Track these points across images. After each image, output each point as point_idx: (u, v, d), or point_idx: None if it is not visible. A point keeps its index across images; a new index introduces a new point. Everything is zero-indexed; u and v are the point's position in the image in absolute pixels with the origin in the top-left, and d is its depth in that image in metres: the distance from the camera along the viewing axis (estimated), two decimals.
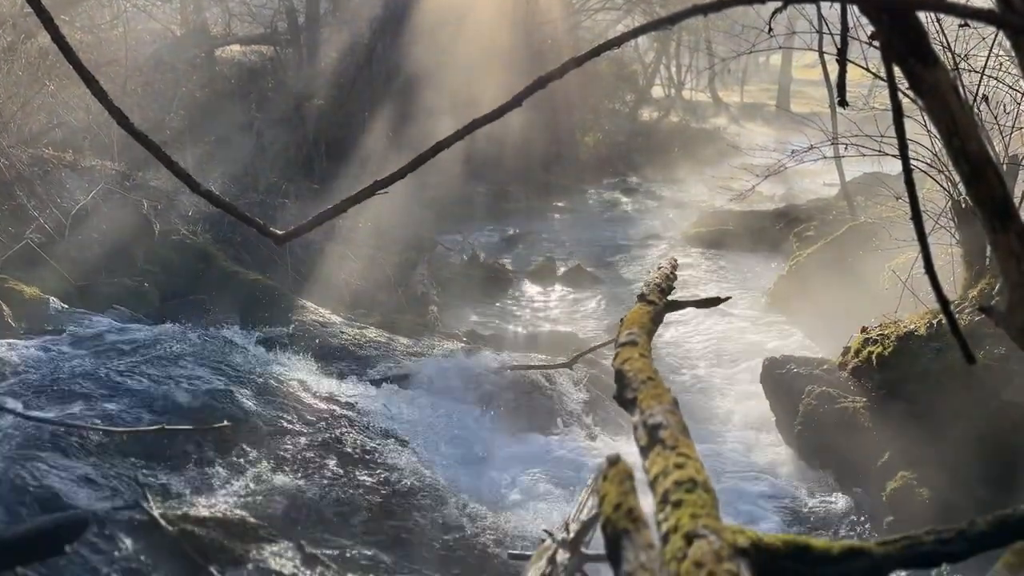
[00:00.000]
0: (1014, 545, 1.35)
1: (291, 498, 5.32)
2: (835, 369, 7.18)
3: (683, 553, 1.44)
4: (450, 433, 7.25)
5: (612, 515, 1.49)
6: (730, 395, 8.67)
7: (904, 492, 5.83)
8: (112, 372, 6.45)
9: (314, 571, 4.64)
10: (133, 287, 8.89)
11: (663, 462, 1.82)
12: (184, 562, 4.43)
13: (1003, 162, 6.17)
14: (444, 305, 12.04)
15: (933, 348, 6.17)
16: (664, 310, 3.46)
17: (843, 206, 13.25)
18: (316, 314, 9.36)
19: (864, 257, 9.19)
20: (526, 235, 17.18)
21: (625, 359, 2.68)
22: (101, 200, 9.78)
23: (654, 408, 2.14)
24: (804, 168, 14.58)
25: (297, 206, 12.17)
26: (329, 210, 2.61)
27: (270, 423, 6.18)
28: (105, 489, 4.89)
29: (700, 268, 14.55)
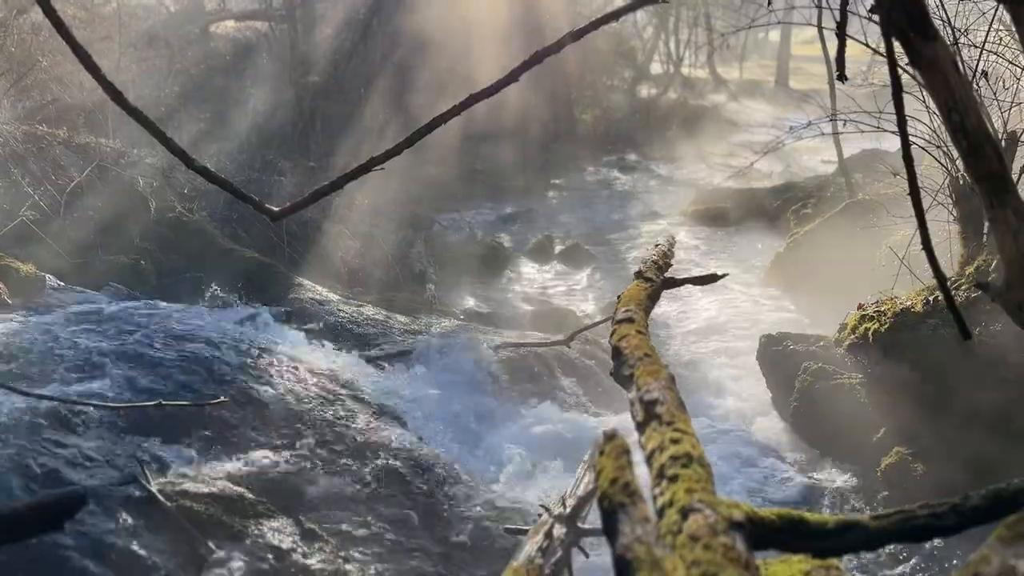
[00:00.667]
0: (1007, 519, 1.36)
1: (289, 474, 5.35)
2: (831, 346, 7.20)
3: (679, 527, 1.45)
4: (448, 410, 7.27)
5: (609, 489, 1.49)
6: (727, 372, 8.70)
7: (899, 467, 5.87)
8: (109, 349, 6.46)
9: (312, 546, 4.67)
10: (129, 264, 8.87)
11: (659, 437, 1.83)
12: (182, 537, 4.46)
13: (1002, 138, 6.15)
14: (441, 283, 12.03)
15: (929, 325, 6.18)
16: (661, 287, 3.47)
17: (841, 183, 13.23)
18: (313, 292, 9.36)
19: (862, 234, 9.18)
20: (524, 213, 17.14)
21: (622, 336, 2.69)
22: (96, 177, 9.73)
23: (651, 384, 2.15)
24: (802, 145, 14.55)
25: (293, 183, 12.12)
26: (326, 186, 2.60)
27: (268, 400, 6.20)
28: (103, 465, 4.91)
29: (698, 246, 14.54)
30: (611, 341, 2.70)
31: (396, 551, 4.89)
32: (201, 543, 4.43)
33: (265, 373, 6.59)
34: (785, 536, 1.60)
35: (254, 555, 4.50)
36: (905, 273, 6.86)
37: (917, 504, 1.62)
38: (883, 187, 10.03)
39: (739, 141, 24.12)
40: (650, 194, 19.55)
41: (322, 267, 10.38)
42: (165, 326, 7.02)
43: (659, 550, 1.29)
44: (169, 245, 9.48)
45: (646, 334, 2.74)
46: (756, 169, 14.89)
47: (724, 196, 16.41)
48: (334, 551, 4.70)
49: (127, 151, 10.65)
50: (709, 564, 1.31)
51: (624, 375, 2.43)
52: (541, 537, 2.70)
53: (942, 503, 1.61)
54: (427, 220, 14.54)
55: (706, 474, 1.66)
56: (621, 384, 2.47)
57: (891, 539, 1.59)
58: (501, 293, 12.28)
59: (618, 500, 1.46)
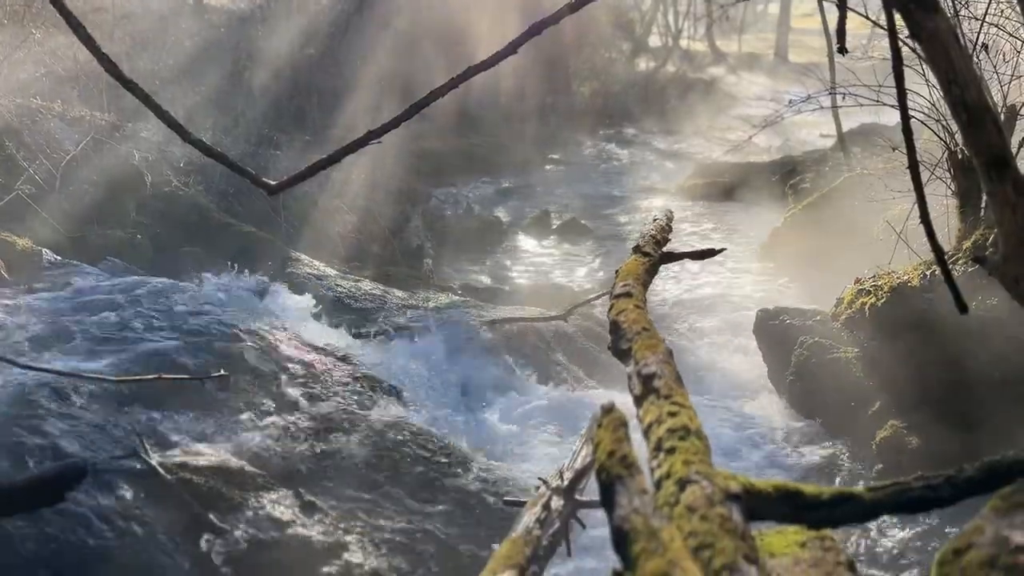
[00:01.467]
0: (1002, 490, 1.38)
1: (288, 448, 5.38)
2: (828, 320, 7.22)
3: (676, 498, 1.47)
4: (446, 384, 7.31)
5: (606, 462, 1.51)
6: (723, 346, 8.73)
7: (894, 441, 5.91)
8: (107, 323, 6.46)
9: (312, 518, 4.71)
10: (126, 239, 8.85)
11: (657, 411, 1.84)
12: (183, 509, 4.50)
13: (1001, 112, 6.12)
14: (439, 258, 12.02)
15: (926, 299, 6.20)
16: (659, 262, 3.47)
17: (840, 157, 13.19)
18: (310, 267, 9.35)
19: (859, 208, 9.17)
20: (521, 187, 17.09)
21: (620, 310, 2.69)
22: (91, 151, 9.67)
23: (648, 358, 2.16)
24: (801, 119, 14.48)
25: (289, 157, 12.06)
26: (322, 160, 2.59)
27: (266, 374, 6.22)
28: (102, 439, 4.93)
29: (696, 220, 14.52)
30: (609, 315, 2.71)
31: (395, 523, 4.93)
32: (202, 515, 4.47)
33: (264, 347, 6.60)
34: (781, 507, 1.62)
35: (255, 526, 4.54)
36: (903, 247, 6.86)
37: (912, 476, 1.63)
38: (882, 161, 10.00)
39: (738, 115, 24.02)
40: (648, 168, 19.49)
41: (319, 242, 10.36)
42: (163, 300, 7.02)
43: (656, 521, 1.31)
44: (166, 219, 9.45)
45: (644, 308, 2.75)
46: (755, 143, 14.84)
47: (722, 170, 16.36)
48: (334, 523, 4.74)
49: (122, 124, 10.58)
50: (706, 534, 1.32)
51: (622, 349, 2.44)
52: (539, 509, 2.72)
53: (937, 475, 1.62)
54: (424, 195, 14.49)
55: (703, 446, 1.67)
56: (619, 358, 2.48)
57: (886, 511, 1.61)
58: (498, 268, 12.28)
59: (616, 472, 1.48)
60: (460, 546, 4.91)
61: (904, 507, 1.59)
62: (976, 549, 1.25)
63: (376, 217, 11.68)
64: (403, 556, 4.69)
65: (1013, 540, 1.22)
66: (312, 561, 4.46)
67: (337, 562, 4.48)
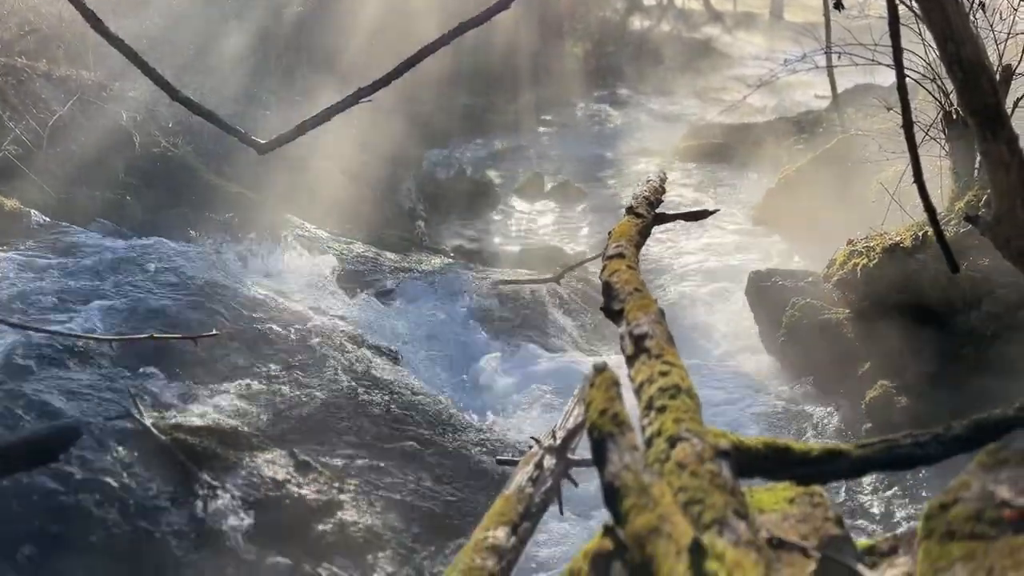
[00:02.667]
0: (988, 446, 1.39)
1: (281, 408, 5.40)
2: (820, 281, 7.25)
3: (666, 455, 1.48)
4: (438, 346, 7.33)
5: (598, 420, 1.52)
6: (715, 307, 8.76)
7: (883, 400, 5.97)
8: (98, 284, 6.43)
9: (306, 477, 4.75)
10: (115, 200, 8.77)
11: (648, 370, 1.85)
12: (178, 469, 4.52)
13: (997, 71, 6.08)
14: (431, 220, 11.98)
15: (918, 260, 6.21)
16: (652, 223, 3.46)
17: (834, 118, 13.12)
18: (301, 228, 9.31)
19: (853, 170, 9.15)
20: (513, 149, 16.97)
21: (613, 271, 2.69)
22: (78, 111, 9.54)
23: (640, 319, 2.16)
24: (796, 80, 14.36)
25: (279, 117, 11.91)
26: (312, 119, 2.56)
27: (258, 335, 6.21)
28: (95, 399, 4.94)
29: (689, 182, 14.48)
30: (602, 276, 2.70)
31: (389, 481, 4.98)
32: (196, 475, 4.50)
33: (255, 309, 6.59)
34: (770, 464, 1.64)
35: (250, 486, 4.57)
36: (895, 209, 6.86)
37: (901, 433, 1.65)
38: (876, 122, 9.95)
39: (733, 75, 23.83)
40: (642, 130, 19.36)
41: (310, 204, 10.29)
42: (153, 261, 6.99)
43: (647, 477, 1.32)
44: (154, 180, 9.36)
45: (636, 269, 2.75)
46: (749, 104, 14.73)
47: (716, 132, 16.27)
48: (328, 482, 4.78)
49: (109, 84, 10.42)
50: (695, 490, 1.33)
51: (614, 310, 2.44)
52: (531, 468, 2.74)
53: (925, 432, 1.64)
54: (416, 157, 14.37)
55: (694, 405, 1.68)
56: (611, 319, 2.48)
57: (874, 467, 1.63)
58: (491, 230, 12.25)
59: (607, 430, 1.49)
60: (454, 504, 4.96)
61: (892, 464, 1.61)
62: (962, 503, 1.27)
63: (367, 179, 11.59)
64: (397, 514, 4.74)
65: (998, 495, 1.24)
66: (307, 520, 4.50)
67: (332, 521, 4.52)
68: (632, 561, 1.16)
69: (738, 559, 0.99)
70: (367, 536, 4.50)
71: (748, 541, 1.25)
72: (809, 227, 9.72)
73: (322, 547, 4.38)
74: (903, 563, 1.51)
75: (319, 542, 4.40)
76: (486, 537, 2.12)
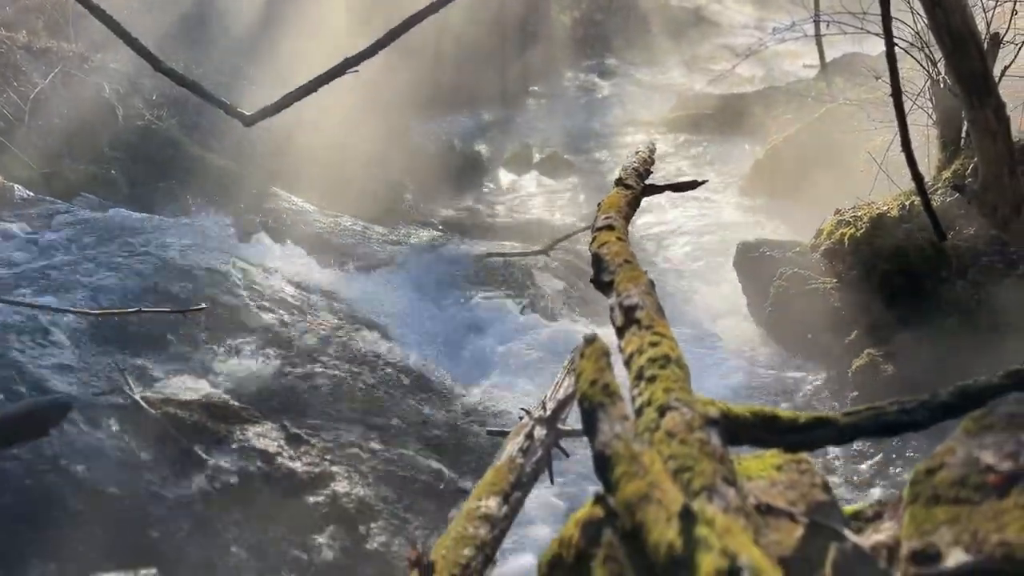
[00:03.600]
0: (973, 413, 1.41)
1: (271, 382, 5.41)
2: (807, 252, 7.27)
3: (656, 424, 1.49)
4: (427, 319, 7.33)
5: (588, 390, 1.52)
6: (703, 278, 8.79)
7: (869, 369, 6.03)
8: (84, 259, 6.39)
9: (298, 450, 4.77)
10: (100, 174, 8.68)
11: (638, 341, 1.86)
12: (169, 443, 4.54)
13: (985, 39, 6.07)
14: (418, 193, 11.91)
15: (904, 229, 6.24)
16: (641, 194, 3.45)
17: (822, 88, 13.09)
18: (288, 202, 9.25)
19: (841, 140, 9.15)
20: (501, 121, 16.86)
21: (602, 243, 2.69)
22: (60, 84, 9.41)
23: (630, 290, 2.17)
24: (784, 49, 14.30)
25: (263, 89, 11.78)
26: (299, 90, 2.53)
27: (247, 309, 6.20)
28: (84, 374, 4.93)
29: (678, 153, 14.45)
30: (591, 248, 2.70)
31: (380, 454, 5.01)
32: (188, 449, 4.51)
33: (244, 283, 6.57)
34: (758, 432, 1.65)
35: (242, 459, 4.59)
36: (883, 179, 6.88)
37: (887, 401, 1.67)
38: (864, 91, 9.94)
39: (722, 43, 23.67)
40: (630, 100, 19.25)
41: (296, 177, 10.21)
42: (140, 236, 6.94)
43: (637, 446, 1.33)
44: (139, 154, 9.26)
45: (626, 241, 2.75)
46: (737, 74, 14.67)
47: (705, 102, 16.20)
48: (320, 454, 4.80)
49: (90, 56, 10.27)
50: (685, 458, 1.35)
51: (604, 281, 2.44)
52: (522, 438, 2.76)
53: (911, 399, 1.66)
54: (402, 129, 14.25)
55: (683, 375, 1.69)
56: (601, 290, 2.48)
57: (861, 434, 1.64)
58: (479, 203, 12.21)
59: (598, 400, 1.49)
60: (444, 475, 5.00)
61: (879, 430, 1.63)
62: (947, 469, 1.29)
63: (354, 152, 11.49)
64: (389, 486, 4.77)
65: (983, 460, 1.26)
66: (299, 492, 4.53)
67: (324, 492, 4.55)
68: (623, 527, 1.17)
69: (728, 524, 1.01)
70: (359, 507, 4.53)
71: (737, 507, 1.27)
72: (797, 197, 9.73)
73: (315, 518, 4.42)
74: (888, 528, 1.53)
75: (312, 514, 4.43)
76: (478, 507, 2.14)
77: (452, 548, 1.91)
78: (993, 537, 1.10)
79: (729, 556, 0.94)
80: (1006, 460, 1.23)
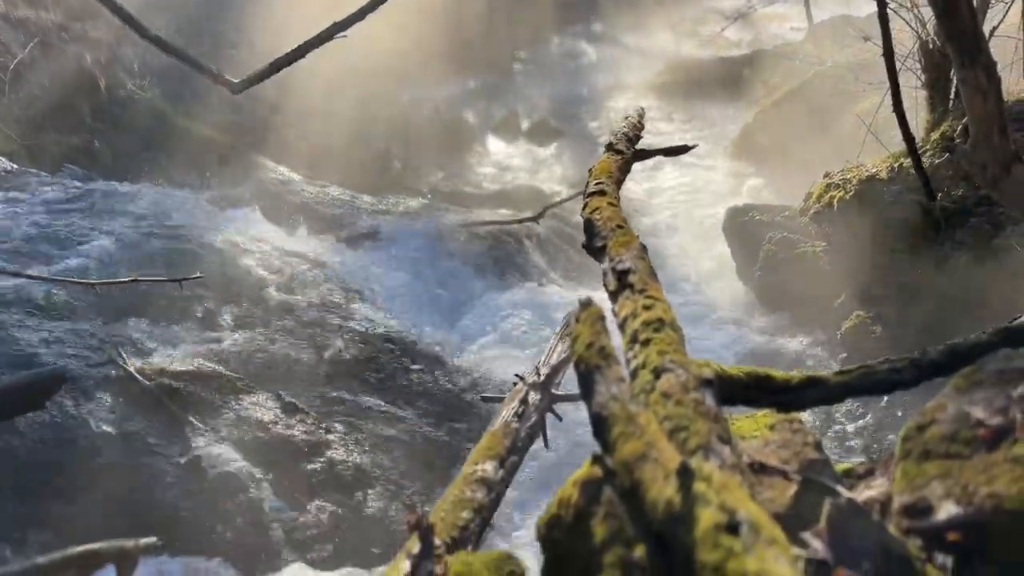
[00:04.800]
0: (963, 370, 1.43)
1: (264, 352, 5.41)
2: (797, 215, 7.29)
3: (651, 386, 1.51)
4: (419, 287, 7.33)
5: (584, 353, 1.53)
6: (693, 243, 8.81)
7: (858, 330, 6.08)
8: (71, 231, 6.34)
9: (293, 419, 4.79)
10: (83, 145, 8.59)
11: (632, 305, 1.87)
12: (164, 414, 4.55)
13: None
14: (406, 162, 11.83)
15: (893, 191, 6.27)
16: (632, 159, 3.44)
17: (810, 51, 13.03)
18: (275, 172, 9.18)
19: (829, 103, 9.14)
20: (488, 88, 16.71)
21: (594, 208, 2.69)
22: (40, 54, 9.26)
23: (623, 254, 2.17)
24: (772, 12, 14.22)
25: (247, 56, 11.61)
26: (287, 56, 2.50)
27: (238, 280, 6.18)
28: (77, 346, 4.92)
29: (665, 118, 14.39)
30: (583, 213, 2.70)
31: (376, 422, 5.03)
32: (183, 419, 4.52)
33: (234, 253, 6.54)
34: (752, 392, 1.67)
35: (238, 428, 4.61)
36: (872, 141, 6.88)
37: (878, 360, 1.69)
38: (852, 54, 9.90)
39: (709, 7, 23.45)
40: (617, 65, 19.10)
41: (282, 146, 10.12)
42: (127, 208, 6.89)
43: (633, 407, 1.34)
44: (122, 125, 9.16)
45: (618, 206, 2.75)
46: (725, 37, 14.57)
47: (693, 66, 16.10)
48: (315, 423, 4.82)
49: (69, 24, 10.09)
50: (680, 418, 1.36)
51: (596, 246, 2.45)
52: (516, 404, 2.79)
53: (902, 358, 1.68)
54: (387, 96, 14.11)
55: (677, 337, 1.71)
56: (593, 256, 2.49)
57: (853, 393, 1.66)
58: (468, 171, 12.14)
59: (594, 363, 1.51)
60: (439, 442, 5.04)
61: (870, 389, 1.65)
62: (938, 424, 1.31)
63: (339, 121, 11.39)
64: (384, 453, 4.81)
65: (973, 415, 1.28)
66: (296, 460, 4.56)
67: (320, 460, 4.58)
68: (622, 486, 1.19)
69: (725, 480, 1.02)
70: (356, 474, 4.57)
71: (732, 465, 1.29)
72: (786, 161, 9.73)
73: (312, 485, 4.45)
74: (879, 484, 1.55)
75: (309, 481, 4.47)
76: (475, 471, 2.17)
77: (450, 511, 1.94)
78: (983, 489, 1.13)
79: (727, 511, 0.96)
80: (996, 415, 1.25)
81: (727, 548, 0.91)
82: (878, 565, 1.00)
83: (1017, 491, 1.10)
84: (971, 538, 1.11)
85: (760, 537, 0.91)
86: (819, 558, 1.01)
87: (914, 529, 1.18)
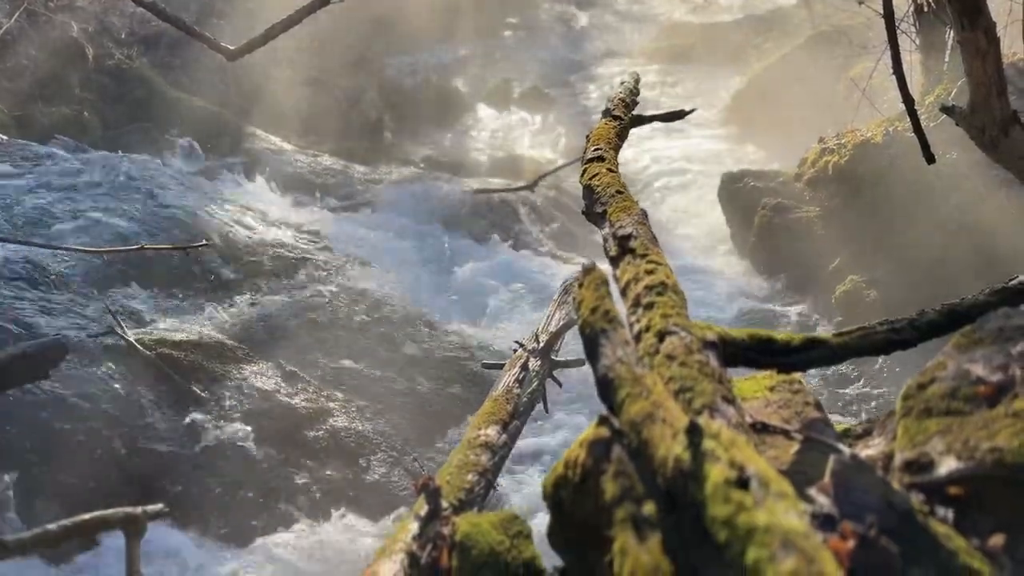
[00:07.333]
0: (963, 328, 1.45)
1: (263, 321, 5.42)
2: (791, 181, 7.30)
3: (655, 348, 1.53)
4: (416, 257, 7.33)
5: (589, 317, 1.55)
6: (687, 210, 8.82)
7: (853, 294, 6.12)
8: (64, 202, 6.30)
9: (295, 387, 4.82)
10: (72, 116, 8.51)
11: (634, 270, 1.88)
12: (165, 382, 4.57)
13: None
14: (398, 131, 11.75)
15: (888, 155, 6.27)
16: (629, 125, 3.43)
17: (803, 15, 12.94)
18: (267, 142, 9.12)
19: (823, 68, 9.10)
20: (479, 55, 16.55)
21: (593, 174, 2.69)
22: (26, 24, 9.12)
23: (624, 220, 2.18)
24: None
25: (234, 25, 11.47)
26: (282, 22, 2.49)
27: (232, 250, 6.17)
28: (76, 316, 4.92)
29: (660, 84, 14.30)
30: (582, 180, 2.70)
31: (377, 389, 5.07)
32: (185, 388, 4.54)
33: (230, 223, 6.52)
34: (754, 354, 1.69)
35: (239, 396, 4.63)
36: (866, 105, 6.87)
37: (877, 321, 1.71)
38: (846, 17, 9.84)
39: None
40: (610, 31, 18.94)
41: (273, 116, 10.04)
42: (119, 178, 6.83)
43: (639, 369, 1.36)
44: (112, 95, 9.07)
45: (617, 172, 2.75)
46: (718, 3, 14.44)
47: (686, 31, 15.99)
48: (317, 391, 4.85)
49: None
50: (685, 379, 1.39)
51: (596, 212, 2.45)
52: (517, 370, 2.81)
53: (900, 320, 1.70)
54: (378, 63, 13.98)
55: (680, 301, 1.72)
56: (593, 222, 2.49)
57: (853, 354, 1.69)
58: (460, 139, 12.07)
59: (599, 326, 1.52)
60: (441, 409, 5.08)
61: (869, 350, 1.67)
62: (939, 383, 1.33)
63: (330, 89, 11.29)
64: (386, 420, 4.85)
65: (974, 372, 1.30)
66: (299, 427, 4.59)
67: (323, 427, 4.62)
68: (631, 444, 1.21)
69: (732, 437, 1.04)
70: (358, 440, 4.61)
71: (737, 423, 1.31)
72: (780, 126, 9.71)
73: (315, 452, 4.49)
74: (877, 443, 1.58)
75: (312, 448, 4.51)
76: (478, 435, 2.20)
77: (455, 474, 1.97)
78: (984, 444, 1.15)
79: (737, 467, 0.98)
80: (996, 372, 1.28)
81: (737, 502, 0.93)
82: (882, 519, 1.03)
83: (1018, 445, 1.12)
84: (972, 492, 1.14)
85: (770, 491, 0.93)
86: (825, 512, 1.03)
87: (916, 484, 1.20)
